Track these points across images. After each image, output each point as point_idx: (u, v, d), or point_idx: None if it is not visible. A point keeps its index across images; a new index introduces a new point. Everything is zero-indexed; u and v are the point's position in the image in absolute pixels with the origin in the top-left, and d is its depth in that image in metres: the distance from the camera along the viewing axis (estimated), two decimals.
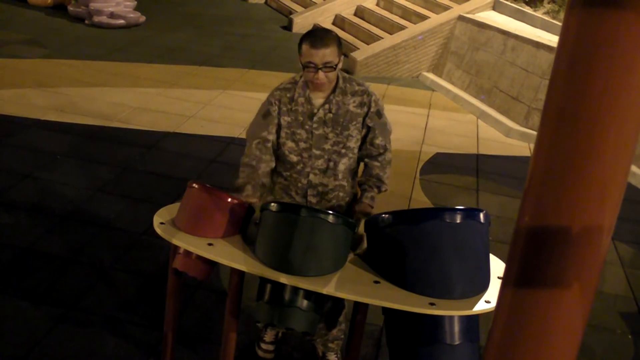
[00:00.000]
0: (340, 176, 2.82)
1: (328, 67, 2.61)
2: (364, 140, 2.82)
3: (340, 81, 2.75)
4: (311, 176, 2.79)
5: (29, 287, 3.48)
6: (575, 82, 1.14)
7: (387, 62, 8.85)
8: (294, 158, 2.79)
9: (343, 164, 2.80)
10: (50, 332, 3.16)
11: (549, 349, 1.29)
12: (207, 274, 2.58)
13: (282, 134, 2.79)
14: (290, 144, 2.78)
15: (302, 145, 2.77)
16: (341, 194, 2.85)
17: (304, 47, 2.63)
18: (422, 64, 9.01)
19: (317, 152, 2.76)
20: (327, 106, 2.73)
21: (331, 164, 2.78)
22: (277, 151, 2.83)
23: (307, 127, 2.75)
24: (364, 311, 2.45)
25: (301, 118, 2.75)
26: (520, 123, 7.17)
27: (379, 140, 2.81)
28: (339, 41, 2.68)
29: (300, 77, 2.78)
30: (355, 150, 2.82)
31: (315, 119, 2.74)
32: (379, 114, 2.81)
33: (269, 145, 2.78)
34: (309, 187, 2.81)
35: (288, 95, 2.78)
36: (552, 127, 1.19)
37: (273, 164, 2.80)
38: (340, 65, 2.70)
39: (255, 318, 2.44)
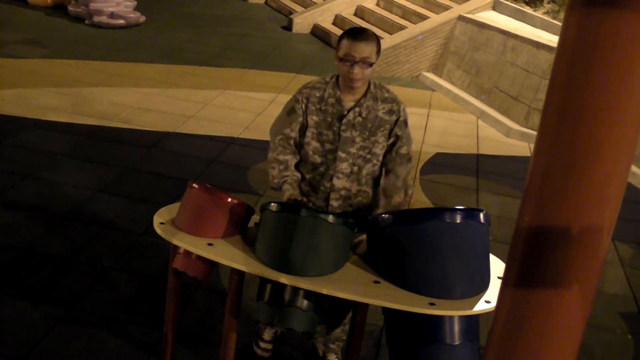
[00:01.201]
0: (363, 181, 2.79)
1: (365, 62, 2.59)
2: (390, 148, 2.81)
3: (372, 86, 2.74)
4: (335, 179, 2.77)
5: (29, 287, 3.47)
6: (575, 82, 1.14)
7: (387, 62, 8.84)
8: (317, 159, 2.77)
9: (367, 170, 2.78)
10: (50, 332, 3.16)
11: (549, 349, 1.29)
12: (207, 274, 2.59)
13: (308, 134, 2.76)
14: (315, 144, 2.76)
15: (328, 146, 2.75)
16: (364, 201, 2.83)
17: (345, 40, 2.62)
18: (422, 64, 9.01)
19: (343, 155, 2.74)
20: (357, 109, 2.71)
21: (355, 168, 2.76)
22: (300, 151, 2.80)
23: (334, 128, 2.73)
24: (364, 311, 2.45)
25: (330, 119, 2.73)
26: (520, 123, 7.17)
27: (404, 150, 2.80)
28: (379, 42, 2.68)
29: (332, 77, 2.77)
30: (380, 157, 2.80)
31: (344, 120, 2.71)
32: (406, 123, 2.82)
33: (291, 142, 2.77)
34: (332, 190, 2.78)
35: (318, 94, 2.75)
36: (552, 127, 1.19)
37: (297, 160, 2.78)
38: (375, 68, 2.68)
39: (256, 318, 2.44)
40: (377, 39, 2.69)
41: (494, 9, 9.24)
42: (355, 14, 10.64)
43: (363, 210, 2.83)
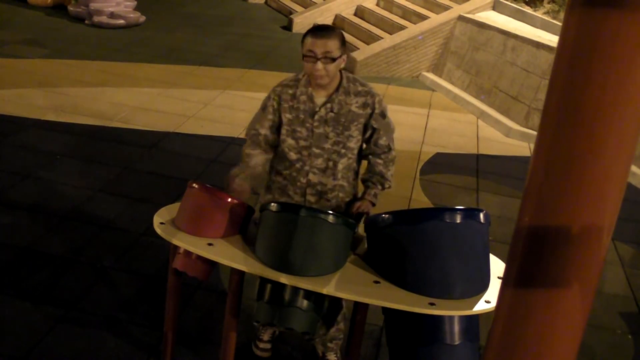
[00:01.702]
0: (339, 176, 2.81)
1: (327, 57, 2.59)
2: (368, 140, 2.82)
3: (344, 81, 2.74)
4: (310, 175, 2.79)
5: (29, 287, 3.47)
6: (575, 82, 1.14)
7: (387, 62, 8.84)
8: (293, 156, 2.79)
9: (342, 164, 2.80)
10: (50, 332, 3.16)
11: (549, 349, 1.29)
12: (207, 274, 2.59)
13: (283, 131, 2.79)
14: (290, 141, 2.78)
15: (302, 143, 2.77)
16: (341, 194, 2.84)
17: (306, 38, 2.64)
18: (422, 64, 9.01)
19: (317, 151, 2.76)
20: (329, 105, 2.72)
21: (330, 163, 2.78)
22: (278, 148, 2.84)
23: (307, 125, 2.74)
24: (364, 311, 2.45)
25: (302, 116, 2.75)
26: (520, 123, 7.17)
27: (383, 141, 2.82)
28: (342, 37, 2.68)
29: (303, 75, 2.77)
30: (355, 151, 2.82)
31: (316, 117, 2.73)
32: (383, 114, 2.81)
33: (260, 138, 2.82)
34: (308, 186, 2.81)
35: (290, 92, 2.77)
36: (552, 127, 1.19)
37: (266, 156, 2.82)
38: (342, 63, 2.68)
39: (256, 318, 2.43)
40: (340, 35, 2.68)
41: (494, 9, 9.24)
42: (355, 14, 10.64)
43: (343, 205, 2.85)
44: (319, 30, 2.64)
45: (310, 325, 2.38)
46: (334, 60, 2.61)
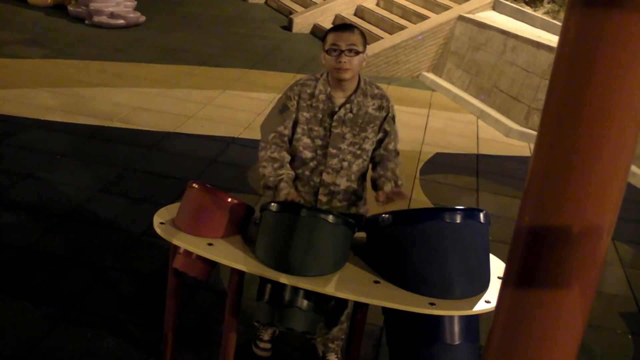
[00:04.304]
0: (353, 177, 2.81)
1: (352, 51, 2.62)
2: (378, 144, 2.83)
3: (362, 83, 2.77)
4: (324, 175, 2.78)
5: (29, 287, 3.47)
6: (575, 82, 1.14)
7: (387, 62, 8.84)
8: (308, 154, 2.78)
9: (357, 165, 2.80)
10: (50, 332, 3.16)
11: (549, 349, 1.29)
12: (207, 274, 2.59)
13: (299, 130, 2.77)
14: (306, 140, 2.77)
15: (318, 142, 2.76)
16: (353, 197, 2.84)
17: (330, 34, 2.68)
18: (422, 64, 9.01)
19: (333, 151, 2.76)
20: (348, 106, 2.73)
21: (345, 164, 2.78)
22: (290, 147, 2.82)
23: (325, 125, 2.74)
24: (364, 311, 2.45)
25: (320, 115, 2.74)
26: (520, 123, 7.17)
27: (392, 146, 2.84)
28: (364, 35, 2.74)
29: (322, 74, 2.78)
30: (370, 153, 2.83)
31: (335, 117, 2.73)
32: (394, 119, 2.85)
33: (285, 139, 2.78)
34: (321, 185, 2.80)
35: (308, 91, 2.76)
36: (552, 127, 1.19)
37: (290, 157, 2.78)
38: (364, 62, 2.71)
39: (256, 318, 2.44)
40: (363, 33, 2.74)
41: (494, 9, 9.24)
42: (355, 14, 10.64)
43: (351, 205, 2.84)
44: (342, 25, 2.72)
45: (310, 325, 2.38)
46: (357, 53, 2.65)
